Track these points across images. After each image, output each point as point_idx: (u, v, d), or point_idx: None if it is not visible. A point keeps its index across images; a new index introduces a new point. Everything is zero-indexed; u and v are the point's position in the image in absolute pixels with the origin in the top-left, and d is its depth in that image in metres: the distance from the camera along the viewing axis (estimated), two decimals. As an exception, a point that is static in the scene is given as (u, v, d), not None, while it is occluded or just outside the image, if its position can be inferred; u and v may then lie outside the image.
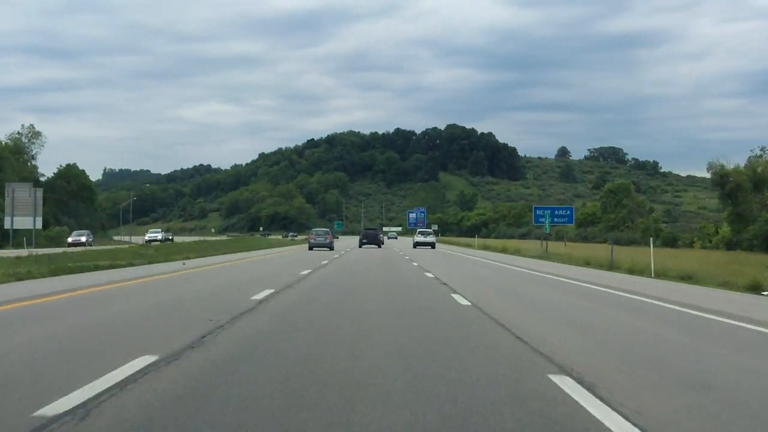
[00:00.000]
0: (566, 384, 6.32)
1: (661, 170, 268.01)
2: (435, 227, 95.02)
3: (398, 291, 16.95)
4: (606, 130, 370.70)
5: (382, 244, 67.03)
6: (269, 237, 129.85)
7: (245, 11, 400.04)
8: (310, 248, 53.18)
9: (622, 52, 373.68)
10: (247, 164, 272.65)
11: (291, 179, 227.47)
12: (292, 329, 9.78)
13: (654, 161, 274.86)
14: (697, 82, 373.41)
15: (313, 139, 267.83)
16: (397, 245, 74.86)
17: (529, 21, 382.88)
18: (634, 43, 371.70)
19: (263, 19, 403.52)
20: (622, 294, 17.13)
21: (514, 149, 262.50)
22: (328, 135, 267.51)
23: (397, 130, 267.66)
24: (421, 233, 67.54)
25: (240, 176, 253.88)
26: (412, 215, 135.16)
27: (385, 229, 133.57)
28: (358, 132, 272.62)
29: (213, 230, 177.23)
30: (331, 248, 52.72)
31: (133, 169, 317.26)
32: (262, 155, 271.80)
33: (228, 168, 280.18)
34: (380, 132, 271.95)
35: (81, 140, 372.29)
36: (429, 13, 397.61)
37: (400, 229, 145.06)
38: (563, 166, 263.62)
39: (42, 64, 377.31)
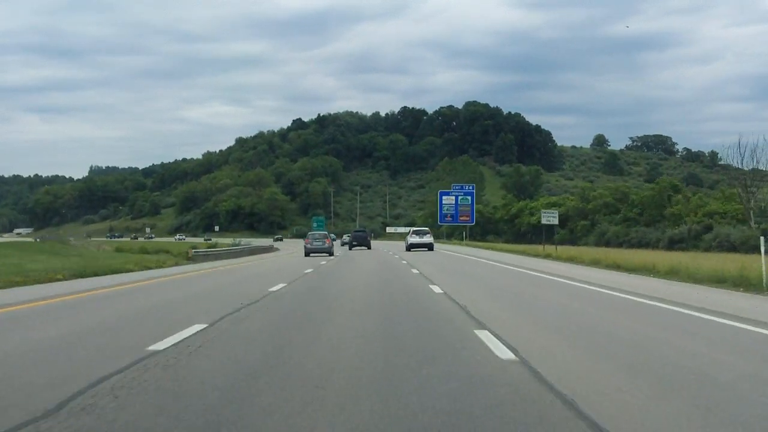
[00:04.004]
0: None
1: (720, 162, 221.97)
2: (554, 215, 43.08)
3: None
4: (612, 133, 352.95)
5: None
6: (210, 242, 79.09)
7: (249, 11, 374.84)
8: (307, 254, 46.09)
9: (629, 55, 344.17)
10: (220, 151, 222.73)
11: (269, 166, 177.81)
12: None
13: (712, 151, 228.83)
14: (704, 86, 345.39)
15: (300, 119, 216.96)
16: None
17: (537, 23, 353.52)
18: (642, 46, 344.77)
19: (267, 19, 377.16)
20: None
21: (548, 133, 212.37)
22: (319, 115, 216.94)
23: (404, 109, 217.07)
24: (416, 233, 58.97)
25: (211, 165, 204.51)
26: (447, 199, 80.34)
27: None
28: (357, 112, 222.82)
29: (148, 230, 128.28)
30: (331, 254, 46.30)
31: (120, 167, 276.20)
32: (239, 140, 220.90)
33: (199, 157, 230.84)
34: (383, 113, 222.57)
35: (80, 140, 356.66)
36: (435, 15, 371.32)
37: (411, 228, 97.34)
38: (605, 156, 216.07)
39: (44, 64, 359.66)
